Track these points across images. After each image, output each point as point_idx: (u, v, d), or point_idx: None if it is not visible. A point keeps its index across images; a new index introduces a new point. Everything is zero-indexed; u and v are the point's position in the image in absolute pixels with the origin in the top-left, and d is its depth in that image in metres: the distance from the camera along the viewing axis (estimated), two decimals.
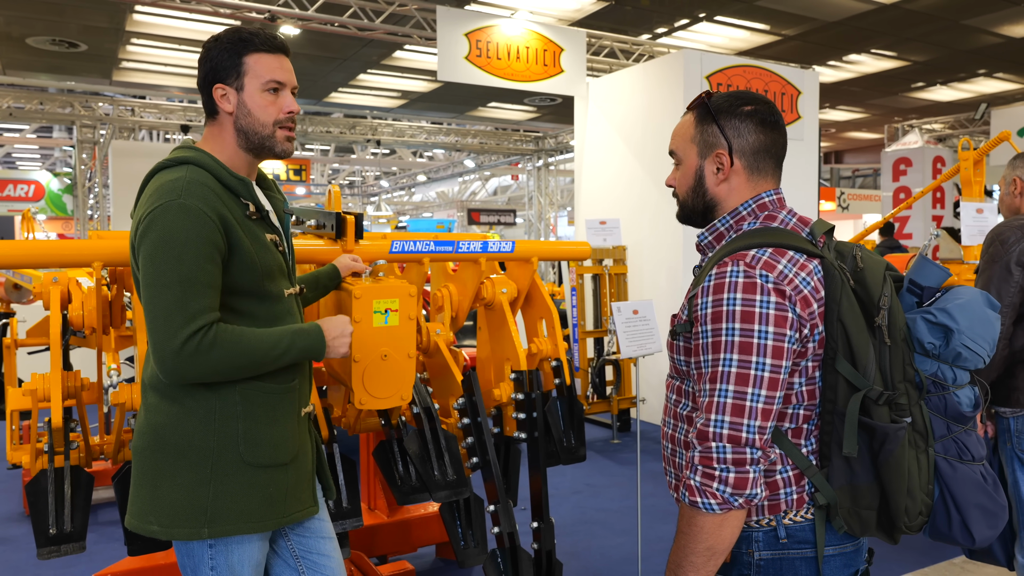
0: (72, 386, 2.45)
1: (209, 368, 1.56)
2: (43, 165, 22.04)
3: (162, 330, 1.53)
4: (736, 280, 1.34)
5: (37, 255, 2.31)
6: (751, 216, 1.48)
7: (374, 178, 27.45)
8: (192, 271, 1.55)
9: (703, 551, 1.32)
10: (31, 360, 5.11)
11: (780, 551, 1.41)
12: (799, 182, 7.53)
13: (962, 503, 1.42)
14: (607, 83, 7.91)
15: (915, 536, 1.45)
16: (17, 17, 9.26)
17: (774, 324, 1.32)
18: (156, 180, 1.65)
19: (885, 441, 1.35)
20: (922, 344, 1.44)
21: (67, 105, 12.86)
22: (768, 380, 1.31)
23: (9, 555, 3.90)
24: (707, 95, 1.51)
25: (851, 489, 1.38)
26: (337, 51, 10.76)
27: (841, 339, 1.36)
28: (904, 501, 1.37)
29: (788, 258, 1.38)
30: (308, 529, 1.86)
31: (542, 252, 3.13)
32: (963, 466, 1.43)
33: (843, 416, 1.36)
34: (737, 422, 1.30)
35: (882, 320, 1.39)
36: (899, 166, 13.71)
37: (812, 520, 1.40)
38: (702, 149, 1.50)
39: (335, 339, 1.75)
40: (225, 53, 1.71)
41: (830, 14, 9.60)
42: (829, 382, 1.37)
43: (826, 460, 1.39)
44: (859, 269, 1.42)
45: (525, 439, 2.86)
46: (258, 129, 1.73)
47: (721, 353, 1.33)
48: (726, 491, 1.29)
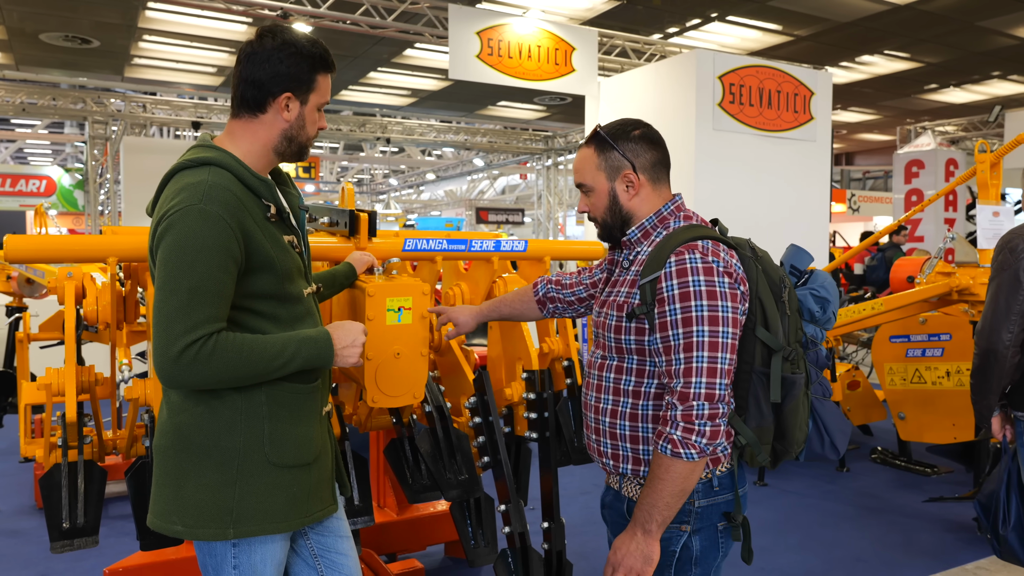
0: (86, 381, 2.46)
1: (206, 377, 1.54)
2: (54, 161, 22.16)
3: (163, 336, 1.52)
4: (696, 265, 1.60)
5: (53, 250, 2.32)
6: (672, 216, 1.76)
7: (383, 176, 27.48)
8: (202, 279, 1.53)
9: (677, 492, 1.59)
10: (43, 354, 5.13)
11: (712, 497, 1.69)
12: (811, 183, 7.50)
13: (831, 428, 1.83)
14: (618, 83, 7.89)
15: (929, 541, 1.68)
16: (30, 13, 9.31)
17: (731, 300, 1.60)
18: (177, 181, 1.63)
19: (791, 388, 1.69)
20: (811, 312, 1.84)
21: (79, 101, 12.92)
22: (731, 345, 1.60)
23: (21, 548, 3.92)
24: (599, 128, 1.78)
25: (759, 431, 1.69)
26: (348, 49, 10.77)
27: (759, 311, 1.67)
28: (796, 434, 1.74)
29: (722, 248, 1.66)
30: (327, 528, 1.86)
31: (555, 252, 3.12)
32: (827, 402, 1.84)
33: (761, 372, 1.67)
34: (712, 382, 1.57)
35: (786, 296, 1.73)
36: (911, 168, 13.63)
37: (732, 468, 1.70)
38: (610, 173, 1.76)
39: (344, 348, 1.71)
40: (304, 64, 1.70)
41: (843, 15, 9.54)
42: (747, 346, 1.66)
43: (742, 410, 1.68)
44: (759, 257, 1.75)
45: (536, 439, 2.86)
46: (303, 140, 1.77)
47: (694, 326, 1.58)
48: (703, 442, 1.56)
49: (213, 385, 1.59)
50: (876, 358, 5.09)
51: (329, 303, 2.54)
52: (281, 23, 7.36)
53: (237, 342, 1.57)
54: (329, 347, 1.69)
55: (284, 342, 1.64)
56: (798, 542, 4.07)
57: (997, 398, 2.64)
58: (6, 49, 10.87)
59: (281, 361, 1.62)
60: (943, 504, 4.61)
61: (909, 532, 4.19)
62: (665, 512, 1.60)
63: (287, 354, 1.63)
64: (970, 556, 3.83)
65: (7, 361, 5.22)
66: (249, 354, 1.58)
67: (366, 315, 2.17)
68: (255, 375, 1.61)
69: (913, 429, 5.00)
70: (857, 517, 4.44)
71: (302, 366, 1.66)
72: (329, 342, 1.69)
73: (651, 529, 1.61)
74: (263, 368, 1.60)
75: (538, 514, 2.88)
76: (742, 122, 7.02)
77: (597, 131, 1.77)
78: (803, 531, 4.22)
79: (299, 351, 1.64)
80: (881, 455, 5.56)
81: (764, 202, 7.16)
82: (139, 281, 2.59)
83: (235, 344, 1.57)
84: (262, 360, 1.60)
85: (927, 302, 4.60)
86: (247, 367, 1.58)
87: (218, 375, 1.56)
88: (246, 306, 1.65)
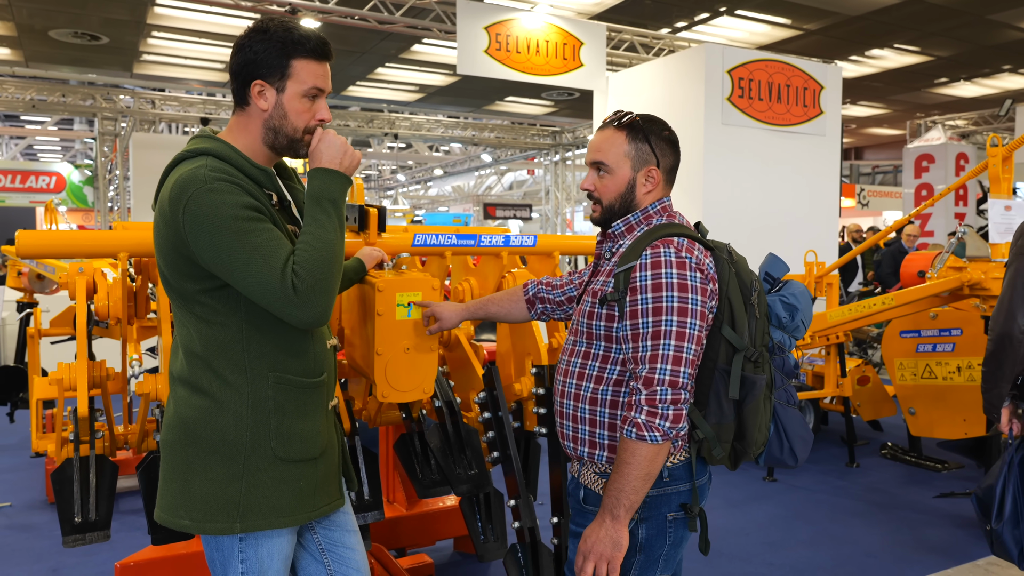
0: (97, 376, 2.47)
1: (320, 288, 1.57)
2: (64, 157, 22.26)
3: (270, 294, 1.54)
4: (670, 258, 1.67)
5: (65, 245, 2.33)
6: (656, 215, 1.82)
7: (391, 172, 27.50)
8: (254, 235, 1.55)
9: (643, 476, 1.64)
10: (54, 350, 5.16)
11: (663, 488, 1.73)
12: (820, 178, 7.46)
13: (791, 434, 1.87)
14: (627, 77, 7.86)
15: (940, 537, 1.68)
16: (40, 10, 9.34)
17: (700, 294, 1.67)
18: (176, 172, 1.63)
19: (752, 389, 1.74)
20: (779, 318, 1.86)
21: (89, 97, 12.97)
22: (697, 337, 1.66)
23: (32, 542, 3.94)
24: (634, 117, 1.82)
25: (717, 427, 1.74)
26: (356, 45, 10.76)
27: (727, 311, 1.73)
28: (755, 434, 1.78)
29: (698, 247, 1.73)
30: (334, 522, 1.87)
31: (564, 246, 3.11)
32: (791, 409, 1.88)
33: (723, 370, 1.72)
34: (676, 370, 1.63)
35: (755, 299, 1.78)
36: (921, 163, 13.55)
37: (686, 460, 1.76)
38: (635, 163, 1.80)
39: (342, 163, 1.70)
40: (273, 50, 1.66)
41: (853, 8, 9.48)
42: (712, 343, 1.72)
43: (702, 405, 1.74)
44: (734, 260, 1.80)
45: (546, 434, 2.85)
46: (289, 132, 1.71)
47: (663, 316, 1.64)
48: (666, 425, 1.62)
49: (331, 292, 1.61)
50: (886, 353, 5.07)
51: (340, 298, 2.54)
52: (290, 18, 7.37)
53: (306, 249, 1.59)
54: (340, 178, 1.69)
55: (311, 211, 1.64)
56: (808, 538, 4.05)
57: (1008, 387, 2.61)
58: (16, 46, 10.91)
59: (327, 217, 1.64)
60: (954, 500, 4.58)
61: (920, 528, 4.17)
62: (632, 496, 1.64)
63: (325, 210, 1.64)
64: (981, 552, 3.81)
65: (18, 356, 5.25)
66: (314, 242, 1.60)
67: (375, 310, 2.17)
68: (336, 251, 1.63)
69: (924, 424, 4.98)
70: (867, 513, 4.42)
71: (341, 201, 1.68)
72: (336, 175, 1.69)
73: (619, 514, 1.65)
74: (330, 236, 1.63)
75: (547, 509, 2.88)
76: (751, 116, 6.98)
77: (634, 119, 1.80)
78: (813, 527, 4.21)
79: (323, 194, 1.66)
80: (891, 451, 5.54)
81: (773, 197, 7.13)
82: (149, 276, 2.59)
83: (307, 251, 1.58)
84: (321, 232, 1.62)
85: (938, 297, 4.57)
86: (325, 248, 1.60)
87: (325, 280, 1.58)
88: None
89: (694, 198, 6.83)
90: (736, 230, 6.60)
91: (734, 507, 4.48)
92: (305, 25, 1.79)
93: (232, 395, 1.64)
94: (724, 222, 6.68)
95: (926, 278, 4.66)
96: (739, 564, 3.73)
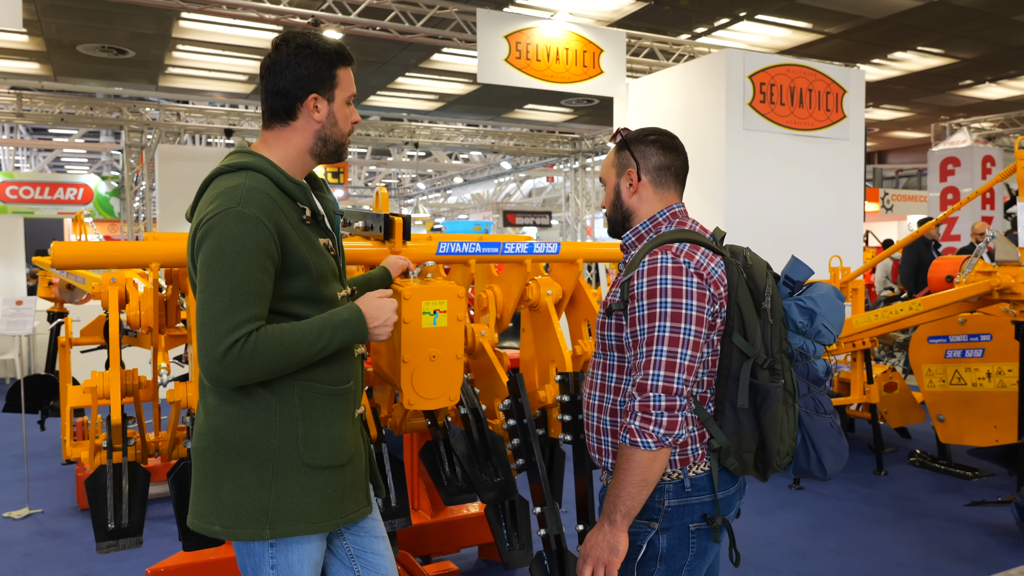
0: (129, 384, 2.51)
1: (251, 372, 1.58)
2: (91, 169, 22.64)
3: (207, 337, 1.56)
4: (666, 265, 1.67)
5: (98, 256, 2.37)
6: (666, 222, 1.82)
7: (411, 180, 27.65)
8: (243, 280, 1.57)
9: (639, 482, 1.63)
10: (84, 358, 5.24)
11: (684, 498, 1.72)
12: (844, 182, 7.39)
13: (818, 445, 1.81)
14: (647, 84, 7.86)
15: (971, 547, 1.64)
16: (68, 25, 9.53)
17: (696, 299, 1.65)
18: (216, 185, 1.67)
19: (767, 397, 1.71)
20: (795, 323, 1.83)
21: (115, 110, 13.19)
22: (692, 343, 1.64)
23: (64, 548, 4.00)
24: (624, 131, 1.87)
25: (737, 436, 1.72)
26: (376, 55, 10.86)
27: (736, 318, 1.71)
28: (777, 444, 1.74)
29: (701, 252, 1.71)
30: (363, 529, 1.88)
31: (587, 254, 3.12)
32: (819, 417, 1.82)
33: (736, 378, 1.71)
34: (669, 375, 1.62)
35: (767, 304, 1.76)
36: (947, 166, 13.37)
37: (710, 471, 1.73)
38: (618, 171, 1.87)
39: (377, 327, 1.74)
40: (323, 63, 1.73)
41: (875, 11, 9.40)
42: (725, 351, 1.71)
43: (719, 415, 1.73)
44: (748, 265, 1.78)
45: (570, 441, 2.85)
46: (338, 138, 1.79)
47: (656, 321, 1.64)
48: (660, 432, 1.60)
49: (260, 378, 1.62)
50: (914, 359, 5.00)
51: None
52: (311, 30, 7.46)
53: (276, 334, 1.60)
54: (363, 326, 1.72)
55: (320, 327, 1.66)
56: (836, 546, 4.00)
57: None
58: (45, 60, 11.13)
59: (319, 346, 1.65)
60: (985, 508, 4.51)
61: (950, 537, 4.11)
62: (629, 502, 1.64)
63: (324, 338, 1.66)
64: (1014, 561, 3.74)
65: (49, 365, 5.34)
66: (289, 344, 1.61)
67: (402, 318, 2.19)
68: (298, 362, 1.64)
69: (953, 431, 4.90)
70: (896, 521, 4.36)
71: (339, 347, 1.70)
72: (363, 322, 1.71)
73: (616, 520, 1.65)
74: (304, 355, 1.64)
75: (573, 516, 2.88)
76: (773, 121, 6.95)
77: (619, 133, 1.88)
78: (841, 535, 4.16)
79: (335, 334, 1.67)
80: (920, 458, 5.46)
81: (796, 202, 7.07)
82: (180, 286, 2.63)
83: (275, 336, 1.60)
84: (301, 348, 1.63)
85: (967, 302, 4.51)
86: (288, 357, 1.61)
87: (263, 369, 1.59)
88: (281, 308, 1.68)
89: (716, 204, 6.80)
90: (759, 236, 6.56)
91: (760, 515, 4.44)
92: (328, 36, 1.85)
93: (260, 403, 1.67)
94: (746, 228, 6.64)
95: (954, 283, 4.59)
96: (767, 573, 3.70)
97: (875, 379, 5.31)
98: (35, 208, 15.00)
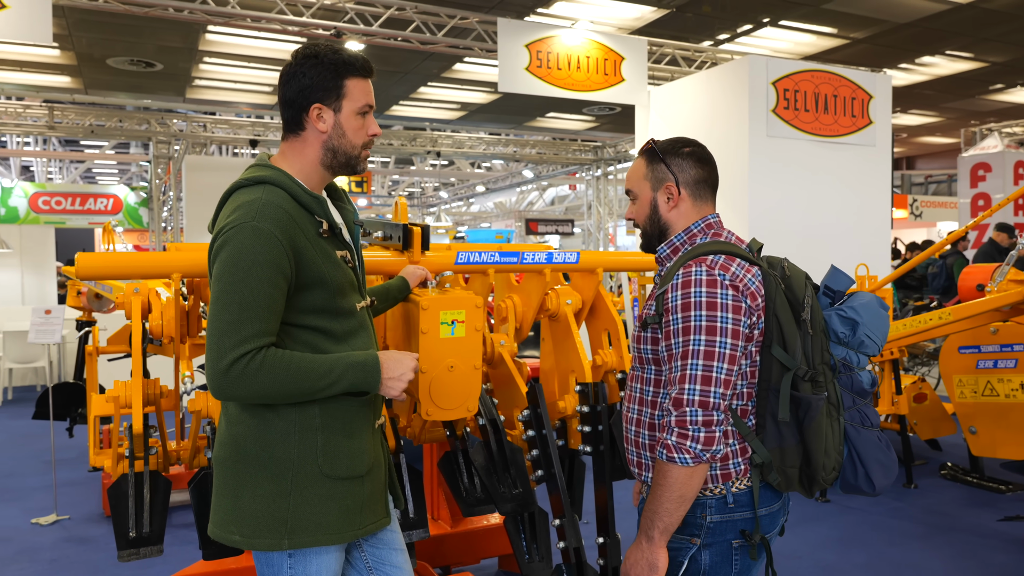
0: (151, 393, 2.53)
1: (253, 391, 1.58)
2: (121, 180, 23.06)
3: (214, 349, 1.56)
4: (700, 277, 1.65)
5: (120, 267, 2.40)
6: (701, 233, 1.81)
7: (433, 189, 27.78)
8: (253, 295, 1.57)
9: (676, 499, 1.61)
10: (112, 366, 5.31)
11: (727, 514, 1.69)
12: (870, 189, 7.29)
13: (866, 459, 1.76)
14: (669, 91, 7.82)
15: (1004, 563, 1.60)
16: (98, 39, 9.72)
17: (732, 311, 1.63)
18: (234, 199, 1.68)
19: (809, 409, 1.67)
20: (836, 334, 1.79)
21: (144, 122, 13.42)
22: (728, 356, 1.62)
23: (90, 555, 4.05)
24: (653, 142, 1.84)
25: (780, 451, 1.69)
26: (399, 65, 10.93)
27: (775, 330, 1.68)
28: (822, 459, 1.70)
29: (737, 263, 1.69)
30: (381, 540, 1.88)
31: (607, 263, 3.10)
32: (865, 430, 1.78)
33: (776, 391, 1.68)
34: (706, 390, 1.60)
35: (807, 315, 1.73)
36: (977, 171, 13.13)
37: (752, 487, 1.69)
38: (654, 184, 1.83)
39: (390, 379, 1.70)
40: (328, 73, 1.72)
41: (902, 15, 9.27)
42: (765, 364, 1.69)
43: (761, 428, 1.70)
44: (787, 276, 1.76)
45: (590, 452, 2.82)
46: (348, 150, 1.77)
47: (692, 335, 1.62)
48: (697, 447, 1.58)
49: (260, 399, 1.63)
50: (944, 370, 4.90)
51: (384, 316, 2.57)
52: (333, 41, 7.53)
53: (285, 359, 1.60)
54: (376, 375, 1.69)
55: (332, 364, 1.65)
56: (864, 561, 3.92)
57: None
58: (76, 74, 11.36)
59: (326, 382, 1.64)
60: (1019, 523, 4.39)
61: (982, 552, 4.00)
62: (667, 519, 1.62)
63: (333, 375, 1.64)
64: None
65: (77, 373, 5.42)
66: (296, 372, 1.60)
67: (420, 328, 2.18)
68: (300, 393, 1.63)
69: (985, 444, 4.78)
70: (926, 536, 4.26)
71: (347, 389, 1.67)
72: (377, 369, 1.69)
73: (654, 536, 1.63)
74: (308, 387, 1.62)
75: (593, 529, 2.85)
76: (797, 128, 6.87)
77: (651, 144, 1.84)
78: (869, 550, 4.07)
79: (345, 374, 1.65)
80: (951, 471, 5.33)
81: (822, 209, 6.98)
82: (202, 296, 2.66)
83: (283, 361, 1.59)
84: (308, 379, 1.62)
85: (998, 311, 4.41)
86: (293, 384, 1.60)
87: (264, 390, 1.59)
88: (300, 322, 1.68)
89: (739, 212, 6.73)
90: (783, 244, 6.47)
91: (786, 528, 4.37)
92: (350, 47, 1.84)
93: (280, 413, 1.67)
94: (770, 236, 6.53)
95: (985, 291, 4.49)
96: None
97: (904, 389, 5.21)
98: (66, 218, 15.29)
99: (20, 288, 11.25)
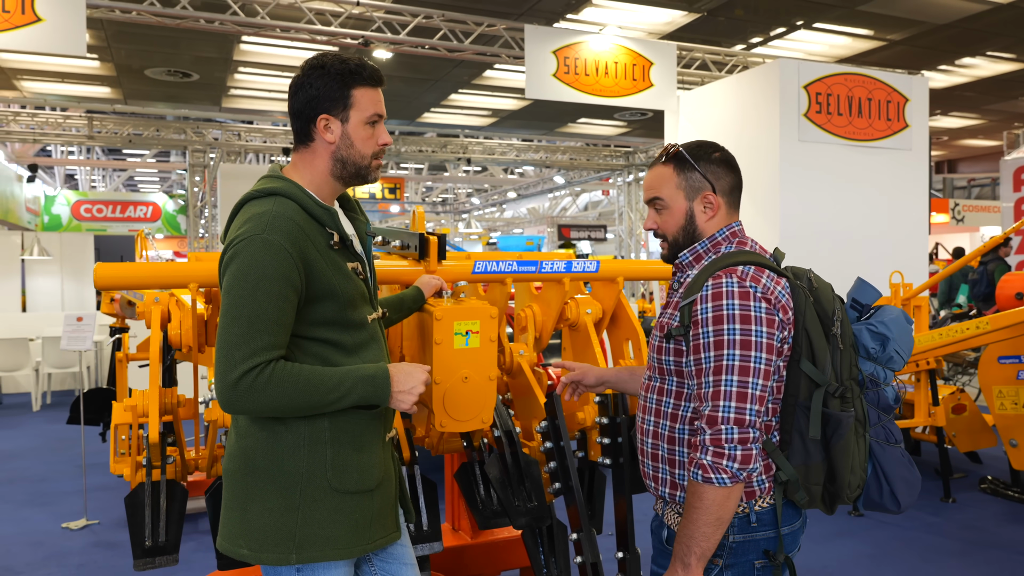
0: (169, 402, 2.55)
1: (262, 405, 1.57)
2: (161, 187, 23.58)
3: (223, 362, 1.55)
4: (732, 289, 1.58)
5: (138, 277, 2.43)
6: (726, 241, 1.73)
7: (466, 195, 27.89)
8: (262, 307, 1.56)
9: (713, 522, 1.54)
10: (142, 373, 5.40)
11: (750, 533, 1.63)
12: (907, 194, 7.11)
13: (891, 476, 1.71)
14: (699, 96, 7.73)
15: None
16: (137, 51, 9.95)
17: (766, 325, 1.57)
18: (246, 211, 1.68)
19: (839, 427, 1.62)
20: (867, 349, 1.72)
21: (181, 131, 13.71)
22: (763, 371, 1.56)
23: (116, 560, 4.10)
24: (678, 147, 1.76)
25: (805, 468, 1.64)
26: (428, 73, 11.00)
27: (805, 344, 1.62)
28: (848, 476, 1.65)
29: (767, 275, 1.63)
30: (391, 555, 1.85)
31: (627, 271, 3.05)
32: (890, 447, 1.73)
33: (804, 407, 1.62)
34: (741, 407, 1.54)
35: (837, 329, 1.67)
36: (1020, 175, 12.72)
37: (774, 505, 1.64)
38: (689, 193, 1.74)
39: (400, 392, 1.68)
40: (334, 83, 1.70)
41: (940, 16, 9.05)
42: (792, 379, 1.63)
43: (786, 445, 1.64)
44: (814, 288, 1.70)
45: (610, 465, 2.77)
46: (357, 160, 1.75)
47: (725, 349, 1.56)
48: (734, 467, 1.52)
49: (268, 413, 1.61)
50: (984, 380, 4.73)
51: (399, 327, 2.55)
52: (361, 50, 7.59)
53: (294, 372, 1.58)
54: (386, 388, 1.67)
55: (341, 377, 1.63)
56: None
57: None
58: (115, 85, 11.65)
59: (336, 395, 1.62)
60: None
61: (1023, 570, 3.85)
62: (704, 543, 1.56)
63: (343, 389, 1.62)
64: None
65: (111, 379, 5.52)
66: (305, 385, 1.59)
67: (433, 339, 2.16)
68: (309, 406, 1.61)
69: None
70: (964, 553, 4.11)
71: (356, 403, 1.65)
72: (387, 383, 1.67)
73: (690, 563, 1.56)
74: (317, 400, 1.61)
75: (613, 542, 2.79)
76: (830, 132, 6.73)
77: (678, 150, 1.76)
78: (903, 566, 3.94)
79: (355, 388, 1.64)
80: (991, 485, 5.15)
81: (856, 215, 6.82)
82: (218, 306, 2.67)
83: (292, 374, 1.58)
84: (317, 393, 1.60)
85: None
86: (302, 398, 1.59)
87: (273, 403, 1.57)
88: (310, 334, 1.67)
89: (770, 219, 6.61)
90: (815, 252, 6.34)
91: (817, 543, 4.25)
92: (378, 56, 1.83)
93: (289, 426, 1.66)
94: (802, 243, 6.43)
95: None
96: None
97: (941, 400, 5.04)
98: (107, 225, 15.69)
99: (60, 295, 11.53)
